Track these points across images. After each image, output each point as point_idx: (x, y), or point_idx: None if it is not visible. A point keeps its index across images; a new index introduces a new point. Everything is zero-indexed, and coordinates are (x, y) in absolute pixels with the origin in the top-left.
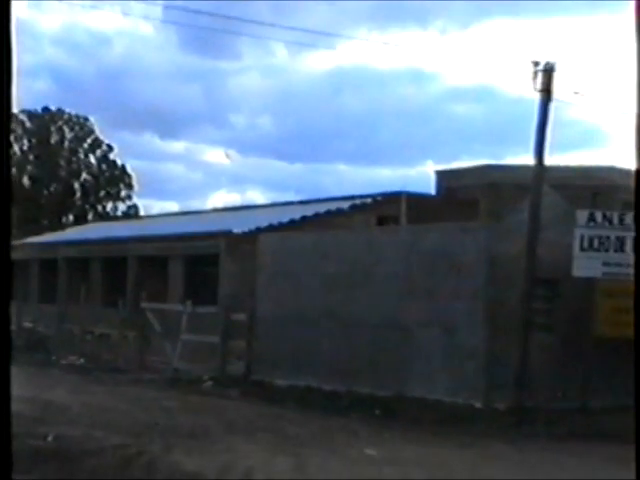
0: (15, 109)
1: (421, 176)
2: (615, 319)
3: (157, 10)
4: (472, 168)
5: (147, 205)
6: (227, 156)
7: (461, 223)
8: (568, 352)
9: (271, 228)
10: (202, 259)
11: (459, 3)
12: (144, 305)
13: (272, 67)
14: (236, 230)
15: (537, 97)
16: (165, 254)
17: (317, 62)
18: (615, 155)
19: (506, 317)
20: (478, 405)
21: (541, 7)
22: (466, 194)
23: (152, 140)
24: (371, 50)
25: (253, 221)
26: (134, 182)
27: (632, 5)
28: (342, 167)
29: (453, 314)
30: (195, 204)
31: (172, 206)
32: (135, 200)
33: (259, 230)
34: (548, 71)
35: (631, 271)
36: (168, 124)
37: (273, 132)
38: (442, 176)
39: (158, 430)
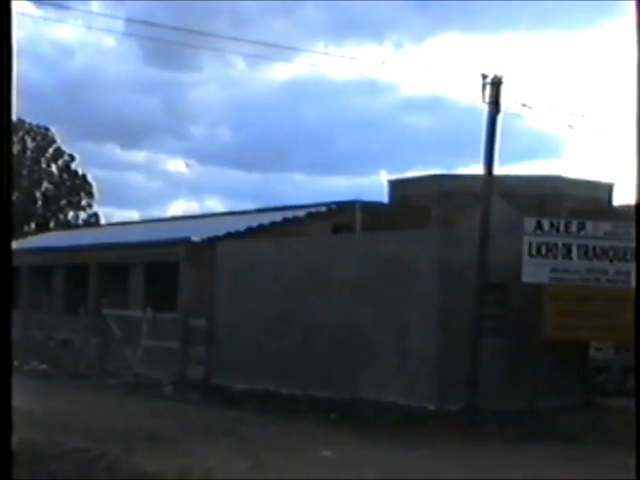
0: None
1: (375, 185)
2: (562, 323)
3: (119, 23)
4: (424, 177)
5: (108, 214)
6: (187, 165)
7: (414, 231)
8: (517, 355)
9: (229, 236)
10: (162, 266)
11: (414, 19)
12: (105, 312)
13: (231, 79)
14: (195, 238)
15: (486, 109)
16: (126, 262)
17: (275, 74)
18: (563, 165)
19: (458, 322)
20: (431, 407)
21: (492, 24)
22: (418, 203)
23: (113, 150)
24: (328, 63)
25: (212, 229)
26: (95, 191)
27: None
28: (298, 176)
29: (407, 319)
30: (155, 212)
31: (132, 215)
32: (96, 209)
33: (217, 238)
34: (496, 84)
35: (577, 276)
36: (129, 134)
37: (231, 142)
38: (395, 185)
39: (119, 433)
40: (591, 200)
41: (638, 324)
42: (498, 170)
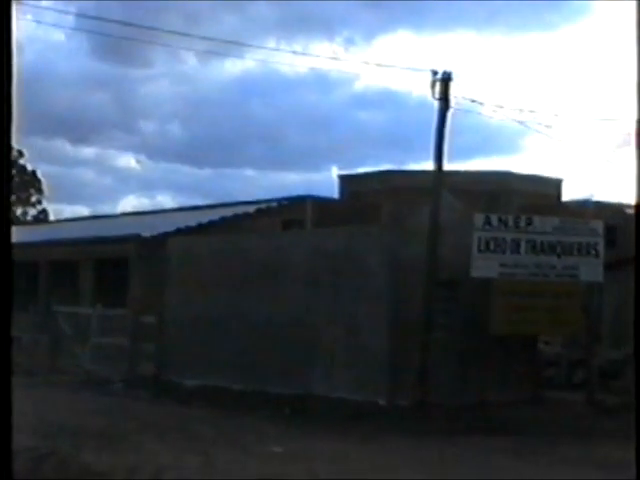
0: None
1: (326, 181)
2: (510, 317)
3: (69, 18)
4: (374, 173)
5: (57, 210)
6: (137, 162)
7: (364, 226)
8: (467, 350)
9: (179, 232)
10: (112, 263)
11: (365, 15)
12: (55, 309)
13: (182, 75)
14: (145, 234)
15: (436, 105)
16: (76, 258)
17: (226, 70)
18: (513, 161)
19: (408, 317)
20: (382, 402)
21: (442, 21)
22: (369, 198)
23: (63, 146)
24: (279, 59)
25: (162, 225)
26: (44, 187)
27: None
28: (250, 172)
29: (357, 314)
30: (105, 209)
31: (82, 211)
32: (45, 205)
33: (168, 234)
34: (445, 80)
35: (525, 271)
36: (79, 130)
37: (182, 138)
38: (345, 181)
39: (69, 431)
40: (540, 196)
41: (638, 323)
42: (449, 166)
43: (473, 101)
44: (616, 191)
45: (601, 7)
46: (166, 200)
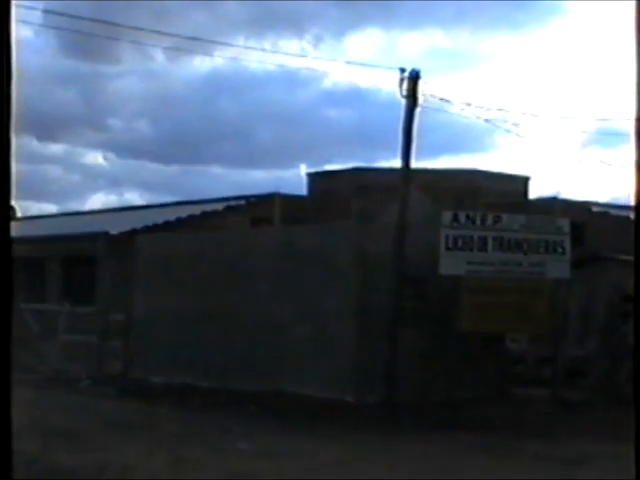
0: None
1: (295, 178)
2: (478, 315)
3: (37, 14)
4: (343, 170)
5: (25, 207)
6: (105, 159)
7: (332, 224)
8: (435, 347)
9: (147, 229)
10: (80, 260)
11: (334, 13)
12: (22, 306)
13: (151, 72)
14: (113, 231)
15: (404, 103)
16: (43, 255)
17: (195, 67)
18: (482, 159)
19: (376, 314)
20: (350, 399)
21: (411, 19)
22: (337, 196)
23: (30, 142)
24: (248, 56)
25: (130, 222)
26: (11, 184)
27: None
28: (218, 169)
29: (325, 311)
30: (73, 206)
31: (50, 208)
32: (12, 202)
33: (136, 231)
34: (413, 78)
35: (492, 269)
36: (46, 127)
37: (151, 135)
38: (313, 178)
39: (36, 430)
40: (507, 193)
41: (638, 323)
42: (417, 164)
43: (441, 99)
44: (582, 189)
45: (570, 8)
46: (134, 197)
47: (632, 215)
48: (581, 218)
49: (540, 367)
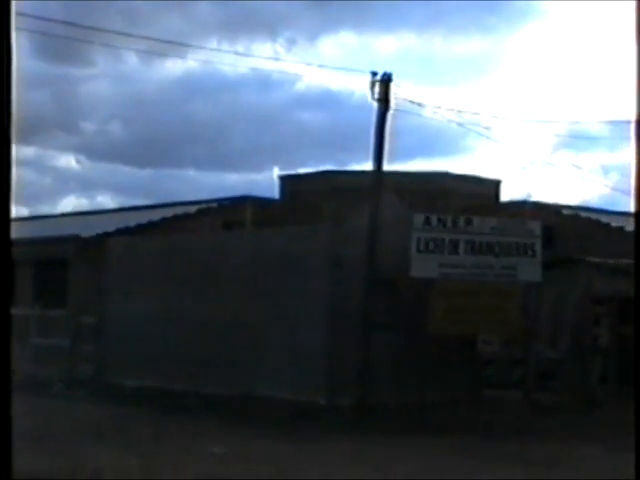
0: None
1: (267, 181)
2: (449, 317)
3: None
4: (315, 173)
5: None
6: (77, 162)
7: (304, 226)
8: (407, 350)
9: (119, 232)
10: (51, 263)
11: (307, 16)
12: None
13: (123, 74)
14: (85, 234)
15: (375, 106)
16: (14, 259)
17: (168, 70)
18: (454, 162)
19: (348, 317)
20: (322, 402)
21: (384, 23)
22: (309, 199)
23: None
24: (221, 59)
25: (102, 226)
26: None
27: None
28: (191, 172)
29: (297, 314)
30: (45, 209)
31: (22, 211)
32: None
33: (107, 234)
34: (385, 81)
35: (464, 271)
36: (18, 129)
37: (123, 138)
38: (285, 181)
39: None
40: (479, 196)
41: (638, 323)
42: (390, 166)
43: (412, 102)
44: (553, 192)
45: (543, 11)
46: (106, 200)
47: (602, 218)
48: (552, 221)
49: (512, 369)
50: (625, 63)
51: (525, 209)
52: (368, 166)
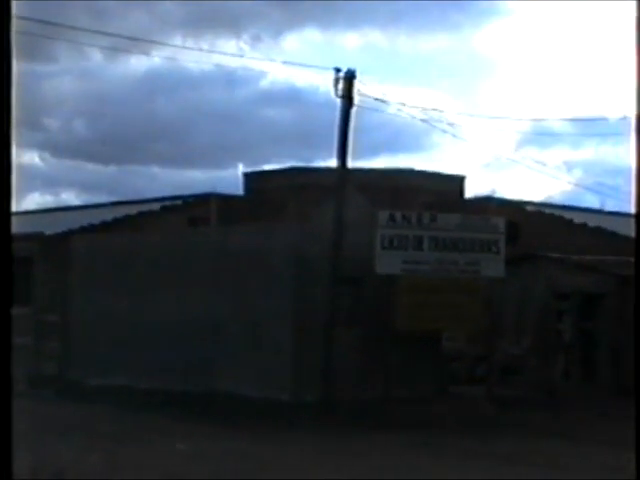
0: None
1: (232, 178)
2: (414, 314)
3: None
4: (279, 170)
5: None
6: (41, 159)
7: (269, 224)
8: (371, 346)
9: (83, 230)
10: (15, 261)
11: (272, 13)
12: None
13: (87, 71)
14: (49, 232)
15: (339, 103)
16: None
17: (132, 67)
18: (419, 158)
19: (313, 314)
20: (286, 399)
21: (348, 20)
22: (274, 195)
23: None
24: (185, 56)
25: (66, 223)
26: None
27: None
28: (155, 169)
29: (262, 311)
30: None
31: None
32: None
33: (72, 232)
34: (349, 78)
35: (428, 268)
36: None
37: (87, 135)
38: (250, 178)
39: None
40: (443, 193)
41: (638, 322)
42: (356, 163)
43: (376, 99)
44: (517, 188)
45: (507, 10)
46: (70, 198)
47: (565, 214)
48: (516, 217)
49: (476, 365)
50: (588, 61)
51: (489, 206)
52: (333, 163)
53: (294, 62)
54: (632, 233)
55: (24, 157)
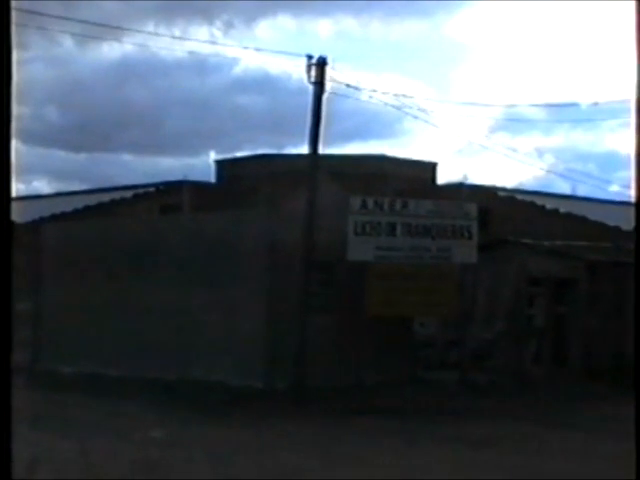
0: None
1: (204, 165)
2: (386, 300)
3: None
4: (251, 157)
5: None
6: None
7: (242, 210)
8: (344, 332)
9: (55, 218)
10: None
11: (244, 0)
12: None
13: (58, 58)
14: (19, 220)
15: (311, 89)
16: None
17: (104, 54)
18: (392, 145)
19: (285, 300)
20: (259, 385)
21: (322, 7)
22: (246, 182)
23: None
24: (158, 42)
25: (37, 211)
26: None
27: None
28: (127, 156)
29: (235, 298)
30: None
31: None
32: None
33: (43, 220)
34: (321, 65)
35: (401, 254)
36: None
37: (59, 122)
38: (222, 165)
39: None
40: (415, 179)
41: (638, 322)
42: (328, 150)
43: (349, 86)
44: (489, 174)
45: None
46: (42, 186)
47: (537, 200)
48: (488, 203)
49: (448, 350)
50: (560, 47)
51: (461, 192)
52: (305, 150)
53: (267, 49)
54: (604, 219)
55: None
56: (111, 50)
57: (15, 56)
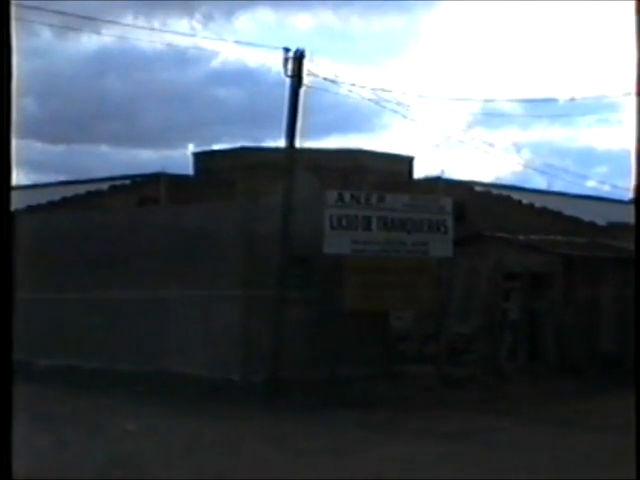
0: None
1: (182, 158)
2: (363, 293)
3: None
4: (229, 150)
5: None
6: None
7: (219, 203)
8: (321, 326)
9: (30, 210)
10: None
11: None
12: None
13: (36, 49)
14: None
15: (288, 82)
16: None
17: (82, 45)
18: (370, 139)
19: (262, 293)
20: (236, 378)
21: (301, 0)
22: (224, 175)
23: None
24: (136, 34)
25: (13, 202)
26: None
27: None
28: (104, 148)
29: (211, 291)
30: None
31: None
32: None
33: (18, 212)
34: (298, 58)
35: (377, 248)
36: None
37: (36, 113)
38: (200, 158)
39: None
40: (392, 173)
41: (638, 322)
42: (307, 143)
43: (326, 79)
44: (466, 169)
45: None
46: (18, 177)
47: (513, 195)
48: (464, 198)
49: (424, 344)
50: (538, 42)
51: (438, 186)
52: (283, 143)
53: (246, 42)
54: (579, 214)
55: None
56: (89, 42)
57: None
